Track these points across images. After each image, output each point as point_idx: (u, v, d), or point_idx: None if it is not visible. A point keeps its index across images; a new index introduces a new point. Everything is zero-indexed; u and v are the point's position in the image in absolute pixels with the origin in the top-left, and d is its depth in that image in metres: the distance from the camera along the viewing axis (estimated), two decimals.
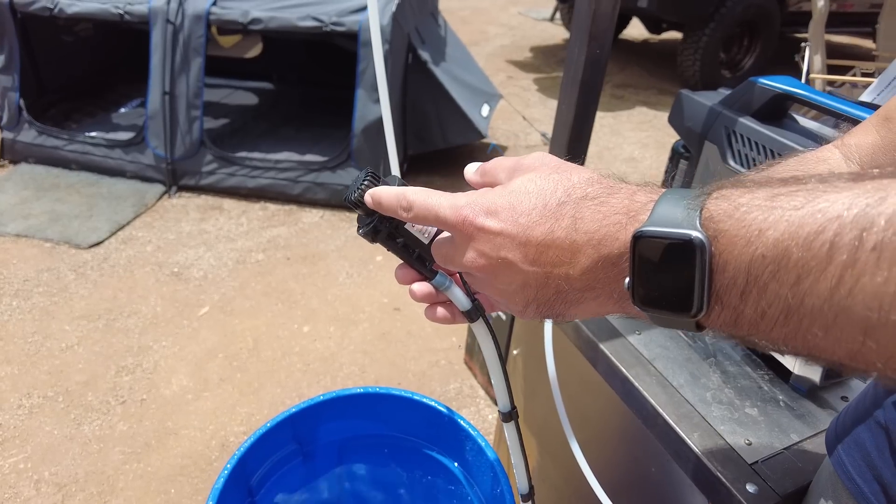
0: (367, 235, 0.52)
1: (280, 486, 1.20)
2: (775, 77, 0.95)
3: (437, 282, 0.54)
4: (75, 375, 2.13)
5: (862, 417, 0.58)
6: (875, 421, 0.55)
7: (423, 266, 0.54)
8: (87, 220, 2.97)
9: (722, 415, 0.88)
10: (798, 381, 0.92)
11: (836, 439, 0.60)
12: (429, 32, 3.42)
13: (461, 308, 0.55)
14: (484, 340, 0.59)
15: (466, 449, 1.16)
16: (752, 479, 0.79)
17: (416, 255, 0.53)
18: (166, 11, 2.96)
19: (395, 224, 0.51)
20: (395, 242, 0.52)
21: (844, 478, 0.57)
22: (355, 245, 2.91)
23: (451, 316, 0.57)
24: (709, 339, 1.02)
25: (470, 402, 2.11)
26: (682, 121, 1.04)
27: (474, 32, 6.93)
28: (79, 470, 1.82)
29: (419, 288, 0.54)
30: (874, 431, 0.55)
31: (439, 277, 0.54)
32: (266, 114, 4.02)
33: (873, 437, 0.55)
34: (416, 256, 0.53)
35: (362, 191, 0.50)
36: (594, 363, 1.00)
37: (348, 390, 1.20)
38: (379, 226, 0.51)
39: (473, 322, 0.56)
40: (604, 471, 1.02)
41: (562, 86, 1.06)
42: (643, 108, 5.00)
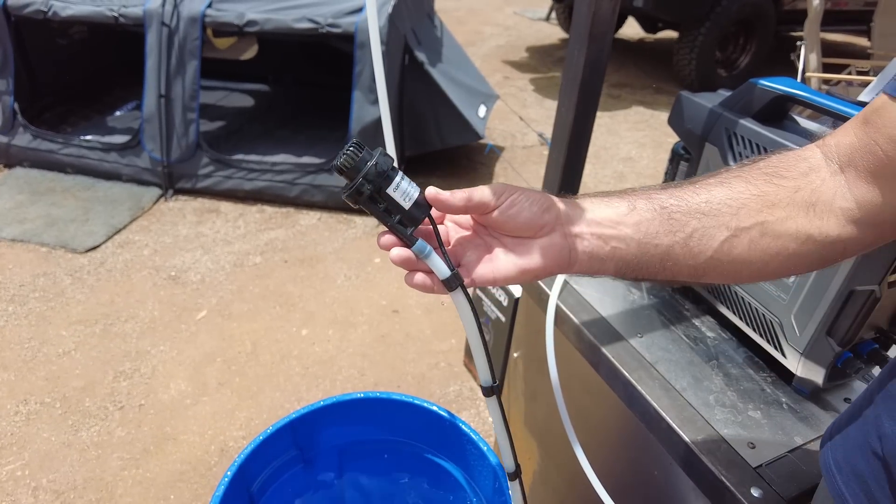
0: (350, 197, 0.54)
1: (281, 492, 1.19)
2: (775, 78, 0.95)
3: (416, 248, 0.55)
4: (73, 381, 2.12)
5: (859, 445, 0.56)
6: (872, 451, 0.54)
7: (403, 232, 0.55)
8: (84, 224, 2.95)
9: (725, 418, 0.88)
10: (801, 384, 0.92)
11: (836, 468, 0.58)
12: (425, 33, 3.41)
13: (440, 276, 0.56)
14: (463, 310, 0.60)
15: (468, 453, 1.15)
16: (757, 482, 0.78)
17: (397, 220, 0.55)
18: (161, 14, 2.95)
19: (378, 187, 0.53)
20: (376, 206, 0.55)
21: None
22: (353, 247, 2.90)
23: (431, 284, 0.58)
24: (710, 342, 1.02)
25: (470, 405, 2.10)
26: (682, 122, 1.03)
27: (470, 33, 6.92)
28: (77, 476, 1.81)
29: (398, 253, 0.56)
30: (872, 464, 0.54)
31: (419, 244, 0.56)
32: (262, 116, 4.00)
33: (872, 470, 0.54)
34: (398, 221, 0.55)
35: (347, 156, 0.53)
36: (596, 366, 1.00)
37: (348, 395, 1.19)
38: (361, 188, 0.53)
39: (452, 290, 0.57)
40: (607, 474, 1.02)
41: (561, 87, 1.05)
42: (640, 108, 5.00)
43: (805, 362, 0.89)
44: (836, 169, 0.55)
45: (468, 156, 3.82)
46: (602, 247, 0.57)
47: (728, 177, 0.58)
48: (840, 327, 0.83)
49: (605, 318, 1.03)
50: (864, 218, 0.54)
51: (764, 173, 0.57)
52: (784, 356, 0.93)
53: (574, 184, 1.18)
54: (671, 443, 0.87)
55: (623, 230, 0.57)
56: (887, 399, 0.54)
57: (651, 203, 0.57)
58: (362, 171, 0.53)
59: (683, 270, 0.58)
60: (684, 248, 0.56)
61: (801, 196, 0.55)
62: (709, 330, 1.04)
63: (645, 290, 1.13)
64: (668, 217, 0.56)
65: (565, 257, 0.57)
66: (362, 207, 0.55)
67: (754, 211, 0.56)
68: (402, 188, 0.55)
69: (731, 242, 0.56)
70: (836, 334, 0.84)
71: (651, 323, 1.04)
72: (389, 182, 0.54)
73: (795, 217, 0.55)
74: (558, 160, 1.10)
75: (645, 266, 0.58)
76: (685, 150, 1.07)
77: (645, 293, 1.11)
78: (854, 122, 0.55)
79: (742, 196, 0.56)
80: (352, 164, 0.53)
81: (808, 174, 0.56)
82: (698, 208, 0.56)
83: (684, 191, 0.58)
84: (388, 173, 0.54)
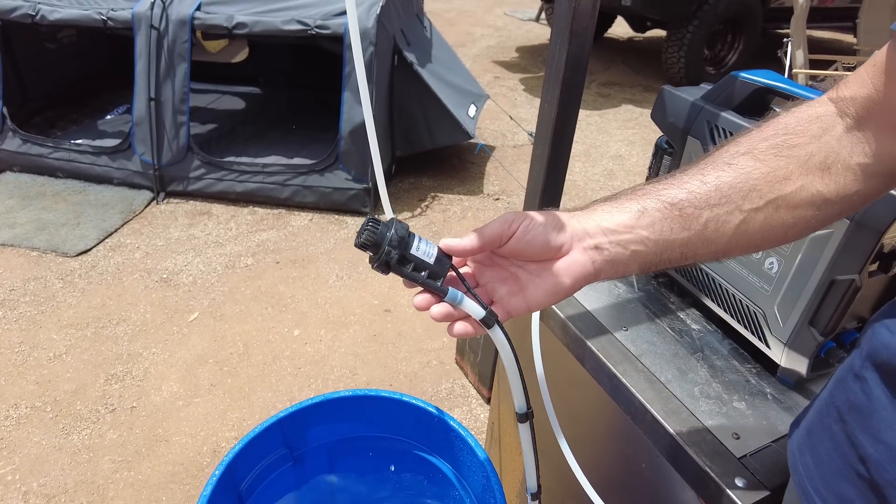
0: (380, 267, 0.58)
1: (270, 491, 1.19)
2: (756, 71, 0.96)
3: (449, 297, 0.58)
4: (64, 385, 2.11)
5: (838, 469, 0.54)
6: (858, 475, 0.52)
7: (434, 285, 0.58)
8: (75, 227, 2.94)
9: (710, 409, 0.88)
10: (785, 374, 0.93)
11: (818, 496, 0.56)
12: (414, 34, 3.41)
13: (476, 317, 0.58)
14: (501, 345, 0.62)
15: (457, 449, 1.16)
16: (741, 472, 0.79)
17: (427, 276, 0.58)
18: (150, 17, 2.94)
19: (402, 251, 0.57)
20: (406, 268, 0.58)
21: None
22: (345, 248, 2.90)
23: (472, 329, 0.59)
24: (695, 335, 1.02)
25: (462, 402, 2.10)
26: (664, 117, 1.04)
27: (460, 34, 6.93)
28: (68, 480, 1.80)
29: (438, 310, 0.58)
30: (860, 488, 0.51)
31: (451, 293, 0.58)
32: (253, 118, 4.00)
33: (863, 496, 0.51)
34: (427, 276, 0.58)
35: (368, 232, 0.57)
36: (582, 360, 1.00)
37: (337, 393, 1.19)
38: (389, 256, 0.57)
39: (490, 328, 0.59)
40: (594, 469, 1.02)
41: (544, 84, 1.06)
42: (629, 106, 5.02)
43: (789, 353, 0.90)
44: (852, 124, 0.53)
45: (459, 155, 3.83)
46: (622, 252, 0.57)
47: (735, 155, 0.57)
48: (822, 317, 0.84)
49: (590, 312, 1.04)
50: (882, 170, 0.53)
51: (772, 145, 0.56)
52: (768, 347, 0.93)
53: (559, 179, 1.18)
54: (656, 435, 0.87)
55: (639, 233, 0.57)
56: (858, 416, 0.52)
57: (661, 202, 0.57)
58: (385, 242, 0.57)
59: (705, 256, 0.58)
60: (701, 238, 0.57)
61: (815, 161, 0.54)
62: (694, 322, 1.05)
63: (629, 283, 1.13)
64: (680, 213, 0.56)
65: (589, 270, 0.58)
66: (394, 273, 0.58)
67: (765, 190, 0.55)
68: (422, 247, 0.59)
69: (746, 224, 0.56)
70: (818, 324, 0.85)
71: (636, 316, 1.04)
72: (411, 244, 0.58)
73: (810, 185, 0.54)
74: (542, 156, 1.11)
75: (666, 260, 0.58)
76: (668, 144, 1.08)
77: (630, 287, 1.12)
78: (869, 71, 0.52)
79: (752, 176, 0.55)
80: (373, 238, 0.57)
81: (821, 136, 0.54)
82: (708, 199, 0.56)
83: (691, 180, 0.57)
84: (407, 237, 0.58)
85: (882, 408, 0.50)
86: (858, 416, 0.52)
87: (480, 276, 0.62)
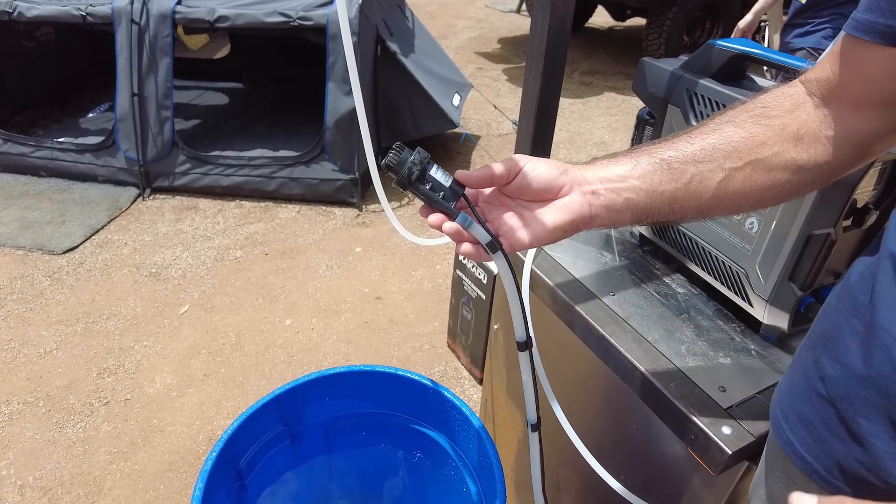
0: (402, 181, 0.63)
1: (269, 468, 1.21)
2: (732, 39, 0.99)
3: (460, 220, 0.63)
4: (55, 380, 2.11)
5: (802, 391, 0.60)
6: (817, 394, 0.57)
7: (448, 206, 0.64)
8: (60, 225, 2.93)
9: (697, 365, 0.91)
10: (768, 331, 0.96)
11: (783, 418, 0.62)
12: (396, 24, 3.42)
13: (482, 241, 0.64)
14: (503, 272, 0.68)
15: (452, 420, 1.18)
16: (728, 422, 0.82)
17: (441, 196, 0.64)
18: (130, 12, 2.93)
19: (423, 169, 0.63)
20: (425, 186, 0.64)
21: (795, 457, 0.59)
22: (334, 238, 2.91)
23: (478, 252, 0.65)
24: (681, 298, 1.05)
25: (455, 384, 2.13)
26: (645, 87, 1.07)
27: (442, 26, 6.94)
28: (64, 473, 1.80)
29: (450, 225, 0.63)
30: (818, 406, 0.57)
31: (462, 216, 0.63)
32: (238, 113, 3.99)
33: (818, 412, 0.57)
34: (442, 197, 0.64)
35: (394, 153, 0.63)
36: (571, 325, 1.03)
37: (332, 369, 1.21)
38: (411, 172, 0.62)
39: (493, 253, 0.64)
40: (588, 434, 1.05)
41: (527, 58, 1.08)
42: (611, 94, 5.06)
43: (771, 309, 0.93)
44: (819, 102, 0.59)
45: (444, 145, 3.84)
46: (616, 199, 0.63)
47: (719, 123, 0.63)
48: (801, 272, 0.87)
49: (578, 279, 1.06)
50: (848, 143, 0.58)
51: (751, 115, 0.62)
52: (751, 305, 0.96)
53: (545, 154, 1.21)
54: (646, 392, 0.90)
55: (632, 182, 0.63)
56: (825, 342, 0.58)
57: (652, 157, 0.64)
58: (407, 162, 0.63)
59: (690, 210, 0.64)
60: (686, 192, 0.63)
61: (789, 131, 0.60)
62: (679, 286, 1.08)
63: (616, 252, 1.16)
64: (668, 167, 0.63)
65: (587, 212, 0.63)
66: (412, 191, 0.64)
67: (744, 152, 0.61)
68: (440, 174, 0.64)
69: (726, 182, 0.62)
70: (797, 279, 0.88)
71: (623, 282, 1.07)
72: (431, 167, 0.64)
73: (785, 151, 0.60)
74: (527, 130, 1.13)
75: (656, 211, 0.64)
76: (650, 115, 1.10)
77: (617, 255, 1.15)
78: (830, 58, 0.58)
79: (732, 140, 0.62)
80: (398, 159, 0.63)
81: (793, 110, 0.60)
82: (693, 156, 0.62)
83: (680, 142, 0.64)
84: (426, 163, 0.64)
85: (842, 333, 0.55)
86: (825, 341, 0.58)
87: (488, 214, 0.67)
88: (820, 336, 0.59)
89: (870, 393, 0.51)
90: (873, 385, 0.51)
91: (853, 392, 0.53)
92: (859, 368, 0.52)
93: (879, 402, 0.51)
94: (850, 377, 0.53)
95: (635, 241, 1.19)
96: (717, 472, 0.81)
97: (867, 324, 0.53)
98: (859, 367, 0.52)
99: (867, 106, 0.56)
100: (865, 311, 0.53)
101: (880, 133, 0.57)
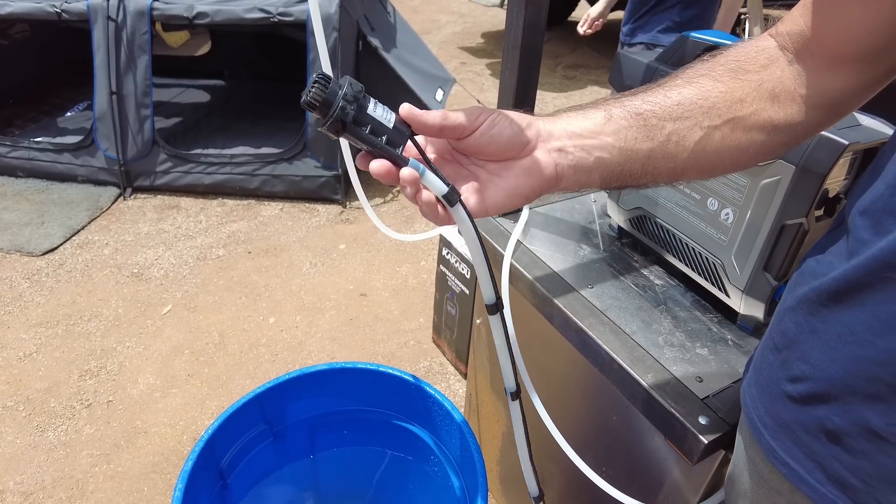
0: (332, 126, 0.51)
1: (252, 467, 1.21)
2: (706, 31, 0.99)
3: (411, 166, 0.53)
4: (36, 383, 2.08)
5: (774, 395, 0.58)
6: (788, 396, 0.56)
7: (394, 152, 0.53)
8: (39, 227, 2.89)
9: (674, 356, 0.92)
10: (744, 321, 0.97)
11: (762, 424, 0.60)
12: (378, 20, 3.41)
13: (438, 193, 0.54)
14: (464, 228, 0.57)
15: (434, 415, 1.18)
16: (704, 411, 0.82)
17: (384, 141, 0.53)
18: (106, 8, 2.88)
19: (360, 107, 0.51)
20: (362, 129, 0.52)
21: (779, 464, 0.58)
22: (317, 235, 2.90)
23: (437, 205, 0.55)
24: (659, 289, 1.06)
25: (440, 379, 2.13)
26: (621, 80, 1.07)
27: (425, 21, 6.92)
28: (45, 477, 1.78)
29: (406, 173, 0.52)
30: (790, 407, 0.56)
31: (412, 162, 0.53)
32: (219, 110, 3.95)
33: (792, 413, 0.56)
34: (386, 142, 0.53)
35: (317, 88, 0.50)
36: (550, 318, 1.03)
37: (313, 367, 1.20)
38: (344, 112, 0.50)
39: (452, 206, 0.54)
40: (570, 427, 1.05)
41: (504, 52, 1.08)
42: (595, 87, 5.08)
43: (747, 299, 0.94)
44: (792, 57, 0.57)
45: None
46: (586, 158, 0.56)
47: (694, 75, 0.59)
48: (775, 261, 0.88)
49: (556, 272, 1.07)
50: (821, 102, 0.57)
51: (728, 69, 0.58)
52: (727, 296, 0.97)
53: None
54: (623, 383, 0.91)
55: (604, 139, 0.56)
56: (789, 344, 0.57)
57: (626, 110, 0.57)
58: (339, 97, 0.50)
59: (664, 172, 0.59)
60: (663, 151, 0.57)
61: (765, 88, 0.57)
62: (657, 278, 1.08)
63: (595, 244, 1.16)
64: (645, 122, 0.57)
65: (552, 173, 0.56)
66: (347, 136, 0.52)
67: (724, 109, 0.57)
68: (379, 111, 0.53)
69: (705, 141, 0.58)
70: (772, 269, 0.89)
71: (601, 275, 1.07)
72: (367, 105, 0.52)
73: (762, 110, 0.57)
74: None
75: (628, 173, 0.58)
76: None
77: (595, 248, 1.15)
78: (802, 9, 0.56)
79: (711, 94, 0.57)
80: (323, 95, 0.50)
81: (768, 66, 0.57)
82: (671, 112, 0.57)
83: (655, 94, 0.58)
84: (362, 97, 0.51)
85: (806, 332, 0.55)
86: (789, 342, 0.57)
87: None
88: (783, 336, 0.58)
89: (839, 391, 0.51)
90: (841, 383, 0.51)
91: (824, 391, 0.53)
92: (827, 367, 0.52)
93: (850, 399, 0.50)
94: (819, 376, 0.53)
95: (614, 233, 1.20)
96: (694, 461, 0.81)
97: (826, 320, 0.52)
98: (826, 364, 0.52)
99: (842, 61, 0.54)
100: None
101: (853, 91, 0.56)
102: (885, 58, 0.53)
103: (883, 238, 0.48)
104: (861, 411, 0.50)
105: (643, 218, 1.09)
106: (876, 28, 0.51)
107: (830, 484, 0.53)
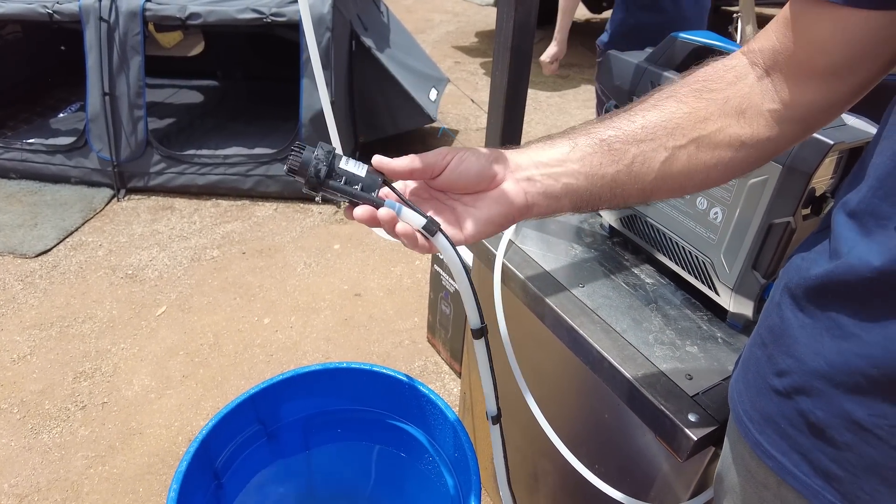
0: (310, 183, 0.58)
1: (246, 466, 1.21)
2: (695, 31, 1.00)
3: (388, 206, 0.58)
4: (30, 385, 2.08)
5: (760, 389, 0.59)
6: (774, 390, 0.57)
7: (370, 197, 0.59)
8: (32, 228, 2.88)
9: (664, 354, 0.93)
10: (734, 319, 0.98)
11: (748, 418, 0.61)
12: (371, 20, 3.41)
13: (416, 225, 0.58)
14: (446, 251, 0.60)
15: (428, 414, 1.19)
16: (694, 409, 0.83)
17: (361, 189, 0.59)
18: (98, 9, 2.88)
19: (330, 165, 0.58)
20: (338, 182, 0.59)
21: (765, 457, 0.59)
22: (312, 235, 2.90)
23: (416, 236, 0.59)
24: (649, 288, 1.07)
25: (435, 378, 2.14)
26: (611, 80, 1.08)
27: (419, 21, 6.92)
28: (40, 479, 1.78)
29: (385, 213, 0.57)
30: (776, 401, 0.57)
31: (389, 203, 0.58)
32: (213, 111, 3.95)
33: (777, 407, 0.57)
34: (361, 189, 0.59)
35: (294, 155, 0.58)
36: (542, 318, 1.04)
37: (308, 367, 1.21)
38: (318, 171, 0.57)
39: (433, 236, 0.59)
40: (562, 425, 1.06)
41: (494, 53, 1.08)
42: (588, 86, 5.09)
43: (736, 297, 0.95)
44: (762, 73, 0.57)
45: (422, 140, 3.84)
46: (554, 185, 0.60)
47: (659, 99, 0.61)
48: (763, 260, 0.89)
49: (548, 271, 1.07)
50: (791, 116, 0.57)
51: (693, 90, 0.60)
52: (717, 294, 0.98)
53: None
54: (614, 381, 0.91)
55: (570, 166, 0.59)
56: (774, 337, 0.58)
57: (591, 138, 0.60)
58: (312, 160, 0.57)
59: (633, 194, 0.61)
60: (629, 174, 0.60)
61: (731, 105, 0.58)
62: (647, 277, 1.09)
63: (586, 244, 1.17)
64: (609, 148, 0.59)
65: (522, 201, 0.60)
66: (325, 192, 0.59)
67: (688, 129, 0.58)
68: (351, 164, 0.60)
69: (670, 161, 0.59)
70: (760, 267, 0.90)
71: (592, 274, 1.08)
72: (338, 160, 0.59)
73: (728, 127, 0.58)
74: (497, 124, 1.14)
75: (597, 196, 0.61)
76: (617, 107, 1.11)
77: (586, 248, 1.16)
78: (773, 26, 0.57)
79: (675, 116, 0.59)
80: (300, 160, 0.58)
81: (735, 83, 0.58)
82: (635, 135, 0.59)
83: (620, 120, 0.61)
84: (333, 153, 0.59)
85: (791, 327, 0.56)
86: (775, 337, 0.58)
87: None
88: (769, 332, 0.59)
89: (822, 384, 0.52)
90: (824, 376, 0.52)
91: (807, 384, 0.54)
92: (810, 360, 0.53)
93: (833, 391, 0.51)
94: (803, 369, 0.54)
95: (605, 232, 1.21)
96: (684, 458, 0.82)
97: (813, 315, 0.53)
98: (810, 358, 0.53)
99: (811, 75, 0.55)
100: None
101: (823, 106, 0.57)
102: (855, 73, 0.54)
103: (865, 238, 0.49)
104: (844, 403, 0.51)
105: (634, 217, 1.10)
106: (847, 42, 0.51)
107: (816, 476, 0.54)
